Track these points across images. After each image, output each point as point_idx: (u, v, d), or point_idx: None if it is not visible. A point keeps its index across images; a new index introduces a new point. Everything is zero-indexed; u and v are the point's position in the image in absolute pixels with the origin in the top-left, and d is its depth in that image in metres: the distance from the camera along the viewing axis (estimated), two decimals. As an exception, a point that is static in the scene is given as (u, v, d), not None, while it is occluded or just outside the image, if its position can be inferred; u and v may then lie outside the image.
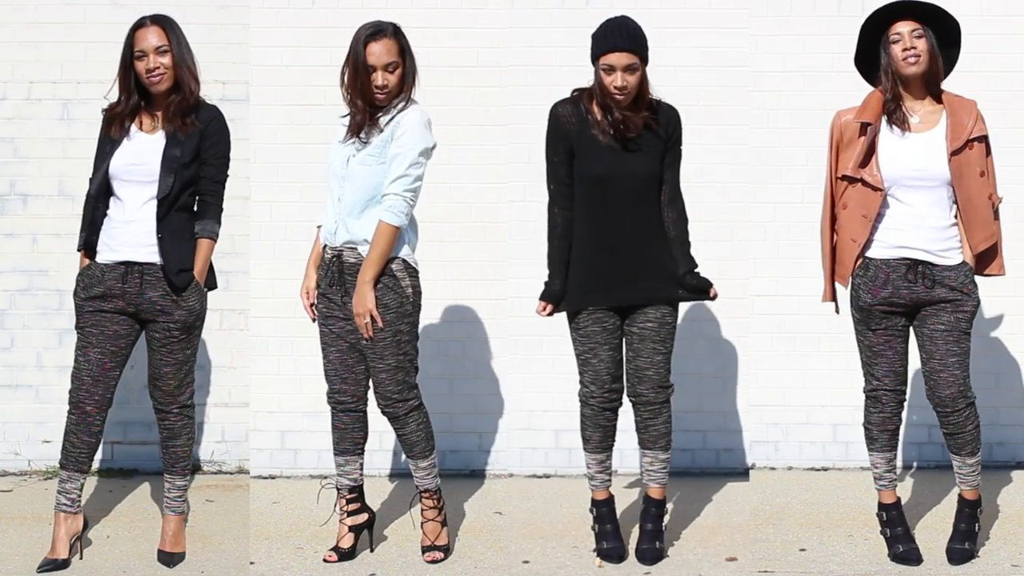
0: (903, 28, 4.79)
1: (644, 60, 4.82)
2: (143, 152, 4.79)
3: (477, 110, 6.24)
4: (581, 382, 4.98)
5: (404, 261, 4.87)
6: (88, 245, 4.85)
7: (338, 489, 5.05)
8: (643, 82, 4.85)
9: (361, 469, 5.06)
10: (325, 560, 4.99)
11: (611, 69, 4.79)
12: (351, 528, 5.03)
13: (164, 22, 4.81)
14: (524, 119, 6.23)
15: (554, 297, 4.99)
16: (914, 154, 4.80)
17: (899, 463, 5.03)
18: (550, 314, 5.01)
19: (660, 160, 4.90)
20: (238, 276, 6.19)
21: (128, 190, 4.79)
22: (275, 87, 6.27)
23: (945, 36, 4.83)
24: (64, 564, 4.86)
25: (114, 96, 4.87)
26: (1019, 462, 6.38)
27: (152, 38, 4.77)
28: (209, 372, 6.33)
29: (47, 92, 6.29)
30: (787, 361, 6.36)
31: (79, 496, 4.90)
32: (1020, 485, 5.98)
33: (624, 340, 4.98)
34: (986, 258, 4.87)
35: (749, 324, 6.32)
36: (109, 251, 4.82)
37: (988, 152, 4.84)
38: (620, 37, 4.79)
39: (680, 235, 4.96)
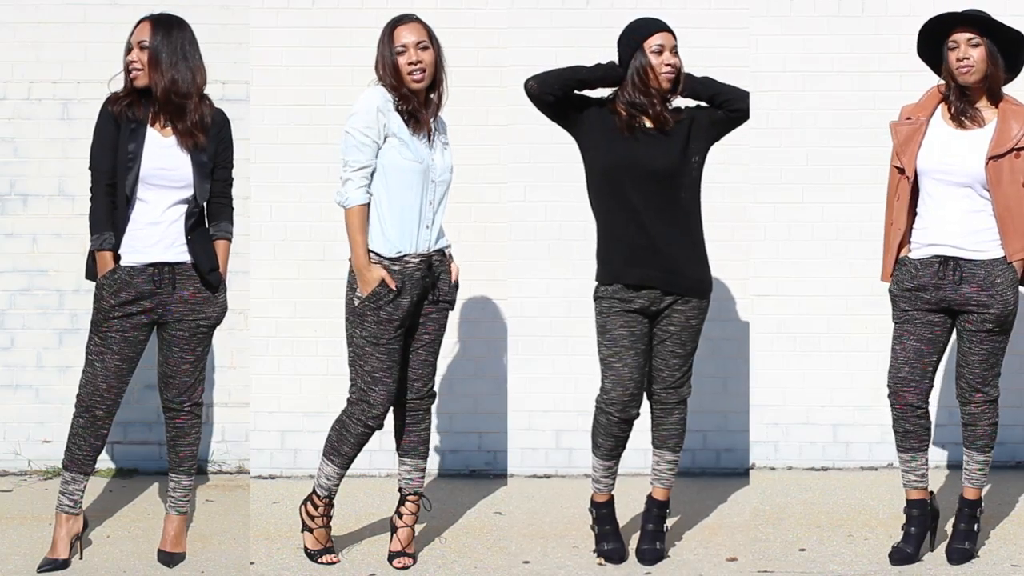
0: (960, 36, 4.78)
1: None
2: (172, 156, 4.76)
3: (477, 110, 6.24)
4: (601, 388, 4.91)
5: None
6: (115, 246, 4.76)
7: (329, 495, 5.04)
8: (681, 74, 4.86)
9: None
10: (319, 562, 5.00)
11: (661, 49, 4.80)
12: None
13: (155, 19, 4.77)
14: (524, 119, 6.22)
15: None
16: (949, 149, 4.81)
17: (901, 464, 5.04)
18: None
19: (684, 152, 4.86)
20: (238, 276, 6.18)
21: (154, 193, 4.76)
22: (275, 87, 6.27)
23: (1007, 45, 4.80)
24: (64, 564, 4.86)
25: (116, 85, 4.84)
26: (1019, 462, 6.38)
27: (140, 32, 4.75)
28: (210, 372, 6.32)
29: (47, 92, 6.29)
30: (787, 361, 6.36)
31: (81, 498, 4.90)
32: (1020, 485, 5.98)
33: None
34: None
35: (749, 324, 6.32)
36: (135, 253, 4.77)
37: None
38: (658, 21, 4.84)
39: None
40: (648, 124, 4.87)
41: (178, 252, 4.81)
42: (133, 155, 4.72)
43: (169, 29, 4.75)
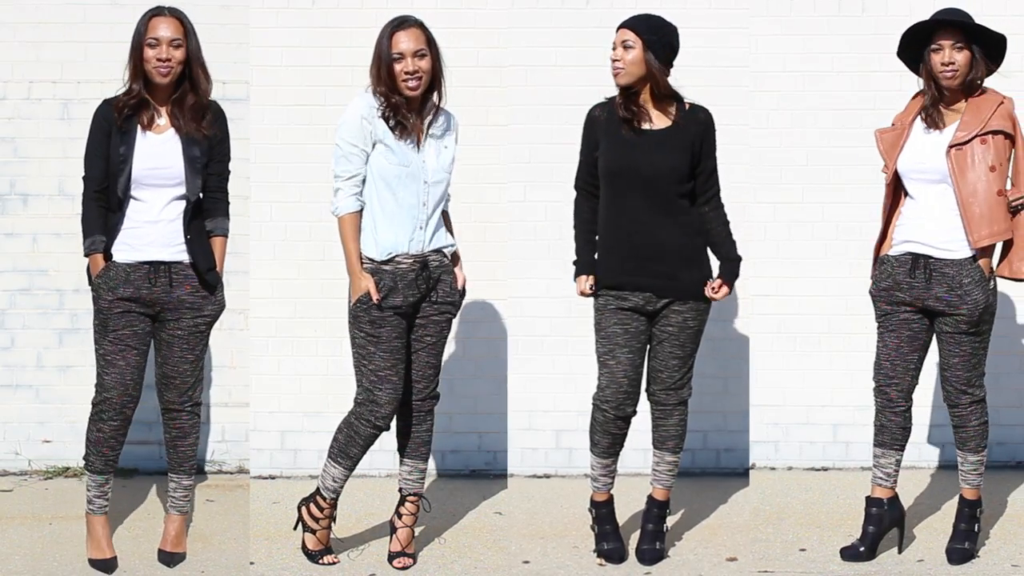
0: (945, 41, 4.80)
1: (643, 40, 4.79)
2: (164, 155, 4.77)
3: (477, 110, 6.24)
4: (597, 385, 4.94)
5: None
6: (106, 249, 4.77)
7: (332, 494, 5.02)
8: (651, 70, 4.81)
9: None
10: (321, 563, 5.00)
11: (614, 46, 4.83)
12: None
13: (181, 16, 4.80)
14: (524, 119, 6.24)
15: (585, 267, 4.96)
16: (924, 147, 4.83)
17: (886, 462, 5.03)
18: (593, 291, 4.93)
19: (686, 157, 4.87)
20: (238, 276, 6.18)
21: (150, 192, 4.77)
22: (275, 87, 6.27)
23: (990, 48, 4.81)
24: (114, 561, 4.90)
25: (118, 84, 4.83)
26: (1019, 462, 6.38)
27: (168, 28, 4.74)
28: (209, 372, 6.33)
29: (47, 92, 6.29)
30: (787, 361, 6.36)
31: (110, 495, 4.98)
32: (1020, 485, 5.98)
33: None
34: (998, 255, 4.87)
35: (749, 324, 6.32)
36: (131, 251, 4.78)
37: (1012, 148, 4.81)
38: (627, 18, 4.84)
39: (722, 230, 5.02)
40: (647, 125, 4.87)
41: (176, 251, 4.81)
42: (124, 157, 4.73)
43: (195, 31, 4.80)
